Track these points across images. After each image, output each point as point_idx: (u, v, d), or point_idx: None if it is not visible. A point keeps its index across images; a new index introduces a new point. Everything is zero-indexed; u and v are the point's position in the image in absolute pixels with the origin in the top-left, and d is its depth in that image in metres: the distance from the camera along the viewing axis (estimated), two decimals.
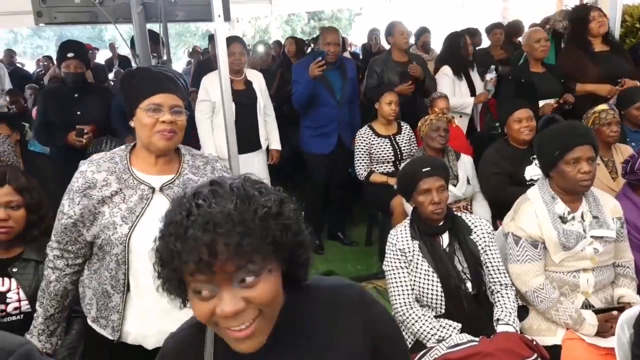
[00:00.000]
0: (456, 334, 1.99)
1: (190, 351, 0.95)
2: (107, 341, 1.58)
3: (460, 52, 4.20)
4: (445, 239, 2.15)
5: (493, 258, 2.14)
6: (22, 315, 1.86)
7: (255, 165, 3.78)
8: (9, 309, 1.85)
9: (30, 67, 9.98)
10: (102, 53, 9.27)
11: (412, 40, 6.23)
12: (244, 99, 3.68)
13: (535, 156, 2.72)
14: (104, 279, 1.54)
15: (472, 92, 4.23)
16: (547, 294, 2.06)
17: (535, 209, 2.12)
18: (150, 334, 1.55)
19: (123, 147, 1.62)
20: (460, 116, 4.15)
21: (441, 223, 2.15)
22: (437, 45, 5.79)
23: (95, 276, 1.57)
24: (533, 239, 2.09)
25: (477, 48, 5.17)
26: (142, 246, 1.50)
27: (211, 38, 5.61)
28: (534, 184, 2.29)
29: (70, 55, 3.52)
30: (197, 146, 3.73)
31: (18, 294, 1.86)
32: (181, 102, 1.56)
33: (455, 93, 4.14)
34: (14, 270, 1.88)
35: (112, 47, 8.76)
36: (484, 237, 2.15)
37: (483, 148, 3.34)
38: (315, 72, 3.65)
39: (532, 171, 2.97)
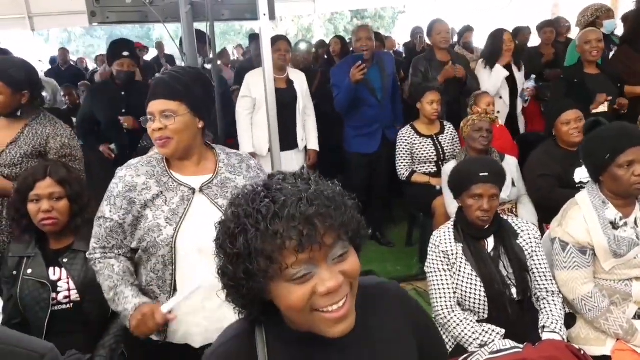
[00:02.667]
0: (499, 339, 1.93)
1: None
2: (152, 342, 1.59)
3: (498, 48, 4.08)
4: (490, 242, 2.10)
5: (540, 264, 2.07)
6: (71, 304, 1.94)
7: (293, 164, 3.80)
8: (60, 297, 1.93)
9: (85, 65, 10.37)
10: (152, 51, 9.52)
11: (455, 38, 6.12)
12: (284, 98, 3.70)
13: None
14: (150, 280, 1.57)
15: (515, 90, 4.11)
16: (596, 302, 1.98)
17: (584, 214, 2.04)
18: (197, 332, 1.57)
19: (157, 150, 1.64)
20: (499, 111, 4.03)
21: (487, 226, 2.09)
22: (482, 44, 5.67)
23: (142, 280, 1.60)
24: (581, 245, 2.01)
25: (529, 46, 5.04)
26: (188, 246, 1.53)
27: (252, 37, 5.66)
28: (584, 187, 2.21)
29: (125, 54, 3.63)
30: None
31: (68, 283, 1.93)
32: (174, 104, 1.53)
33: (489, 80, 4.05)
34: (65, 260, 1.95)
35: (159, 45, 8.99)
36: (530, 242, 2.09)
37: (529, 149, 3.25)
38: (357, 77, 3.63)
39: (582, 174, 2.86)
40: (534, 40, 5.45)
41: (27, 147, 2.29)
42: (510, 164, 3.18)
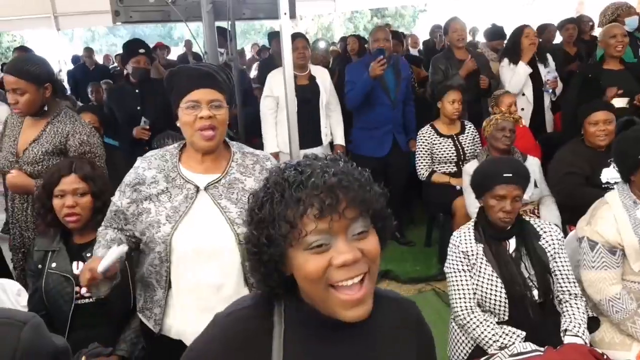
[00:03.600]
0: (520, 342, 1.91)
1: (255, 332, 0.90)
2: (151, 332, 1.63)
3: (519, 44, 4.01)
4: (512, 243, 2.07)
5: (562, 266, 2.04)
6: (93, 298, 1.96)
7: None
8: (83, 291, 1.95)
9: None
10: (173, 50, 9.64)
11: (481, 38, 6.04)
12: (306, 95, 3.71)
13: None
14: (149, 273, 1.59)
15: (540, 87, 4.05)
16: (624, 304, 1.94)
17: (615, 214, 2.00)
18: (190, 331, 1.57)
19: (176, 144, 1.65)
20: (522, 109, 3.97)
21: (508, 227, 2.07)
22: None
23: (143, 270, 1.62)
24: (611, 244, 1.97)
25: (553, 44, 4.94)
26: (184, 245, 1.53)
27: (271, 36, 5.68)
28: (610, 188, 2.16)
29: (141, 51, 3.69)
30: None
31: None
32: (221, 95, 1.54)
33: (512, 77, 3.97)
34: (88, 255, 1.98)
35: (187, 43, 9.11)
36: (553, 244, 2.06)
37: (552, 150, 3.19)
38: (377, 71, 3.60)
39: (609, 174, 2.80)
40: (559, 39, 5.35)
41: (49, 145, 2.33)
42: (533, 164, 3.14)
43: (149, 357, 1.79)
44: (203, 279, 1.54)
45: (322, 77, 3.91)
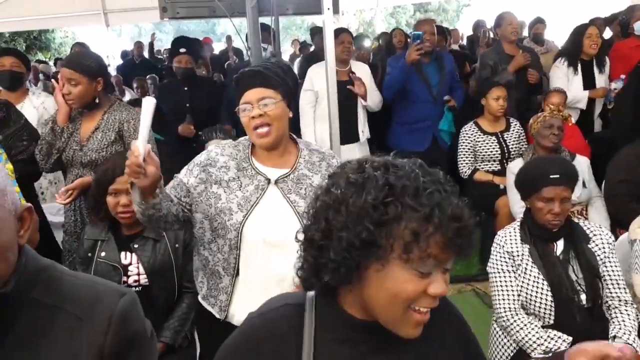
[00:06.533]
0: (565, 347, 1.85)
1: (285, 333, 0.90)
2: (215, 318, 1.66)
3: (580, 44, 3.87)
4: (560, 245, 2.00)
5: (612, 271, 1.96)
6: (140, 288, 2.02)
7: (355, 157, 3.78)
8: (130, 280, 2.02)
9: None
10: (215, 45, 9.80)
11: (525, 32, 5.86)
12: (345, 90, 3.70)
13: None
14: (217, 260, 1.62)
15: (592, 87, 3.90)
16: None
17: None
18: None
19: (248, 136, 1.68)
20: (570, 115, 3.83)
21: (556, 229, 2.00)
22: (553, 37, 5.40)
23: (210, 256, 1.65)
24: None
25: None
26: (254, 235, 1.56)
27: (313, 32, 5.68)
28: None
29: (182, 50, 3.76)
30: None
31: (138, 268, 2.03)
32: (271, 92, 1.56)
33: (568, 88, 3.83)
34: (135, 246, 2.05)
35: (228, 39, 9.26)
36: (603, 247, 1.98)
37: (602, 150, 3.07)
38: (413, 56, 3.53)
39: None
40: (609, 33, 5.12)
41: (111, 133, 2.43)
42: (582, 163, 3.02)
43: (208, 343, 1.81)
44: (269, 270, 1.57)
45: (363, 73, 3.89)
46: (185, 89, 3.81)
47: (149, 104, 1.40)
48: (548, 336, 1.90)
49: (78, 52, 2.81)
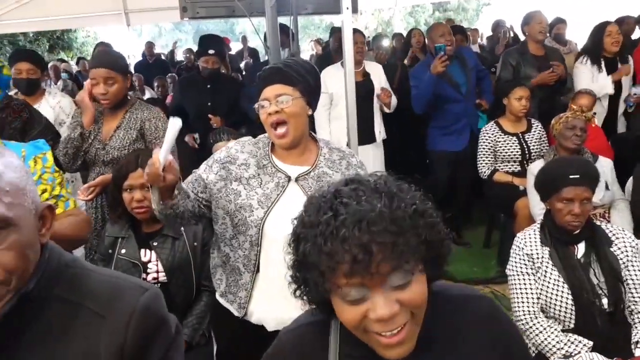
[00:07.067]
0: (586, 351, 1.83)
1: (311, 349, 0.92)
2: (233, 316, 1.67)
3: (601, 42, 3.80)
4: (580, 248, 1.97)
5: (635, 274, 1.92)
6: (159, 285, 2.04)
7: (371, 159, 3.78)
8: (149, 278, 2.04)
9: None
10: (233, 45, 9.87)
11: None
12: (360, 91, 3.68)
13: None
14: (238, 257, 1.63)
15: (618, 87, 3.82)
16: None
17: None
18: (272, 317, 1.61)
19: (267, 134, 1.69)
20: (595, 113, 3.76)
21: (577, 231, 1.97)
22: (574, 37, 5.31)
23: (230, 252, 1.65)
24: None
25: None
26: (275, 231, 1.56)
27: (333, 31, 5.68)
28: None
29: (211, 52, 3.79)
30: None
31: (157, 265, 2.05)
32: (290, 89, 1.57)
33: (594, 83, 3.76)
34: (155, 244, 2.07)
35: (243, 39, 9.32)
36: (626, 251, 1.94)
37: (626, 152, 3.01)
38: (438, 69, 3.52)
39: None
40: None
41: (133, 132, 2.46)
42: (604, 165, 2.97)
43: (225, 341, 1.82)
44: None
45: (377, 73, 3.89)
46: (208, 86, 3.84)
47: (175, 124, 1.43)
48: (568, 340, 1.87)
49: (106, 51, 2.85)
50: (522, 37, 4.27)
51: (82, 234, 1.63)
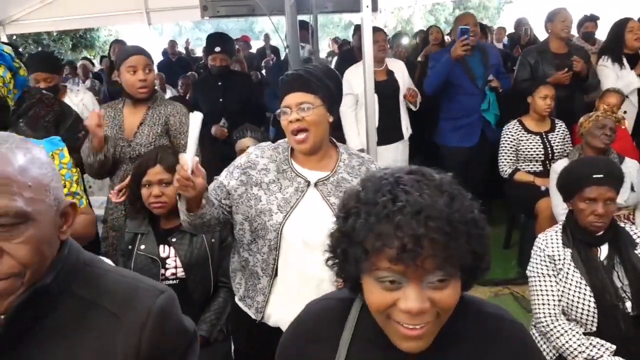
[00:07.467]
0: (609, 355, 1.79)
1: (331, 322, 0.94)
2: (250, 318, 1.67)
3: (622, 39, 3.71)
4: (604, 250, 1.93)
5: None
6: (177, 280, 2.06)
7: (397, 157, 3.75)
8: (167, 273, 2.06)
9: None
10: (253, 43, 9.93)
11: (574, 31, 5.67)
12: (385, 90, 3.67)
13: None
14: (256, 261, 1.63)
15: None
16: None
17: None
18: (289, 320, 1.59)
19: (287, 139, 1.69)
20: (625, 111, 3.68)
21: (601, 233, 1.93)
22: (603, 36, 5.20)
23: (250, 257, 1.66)
24: None
25: None
26: (294, 235, 1.57)
27: (356, 29, 5.67)
28: None
29: (217, 49, 3.80)
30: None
31: (175, 261, 2.06)
32: (311, 97, 1.57)
33: (620, 79, 3.68)
34: (173, 240, 2.09)
35: (266, 37, 9.37)
36: None
37: None
38: (458, 51, 3.46)
39: None
40: None
41: (157, 127, 2.48)
42: (630, 166, 2.90)
43: (243, 341, 1.83)
44: (308, 272, 1.57)
45: (400, 70, 3.85)
46: (219, 83, 3.86)
47: (196, 118, 1.42)
48: (590, 344, 1.83)
49: (135, 46, 2.91)
50: (540, 37, 4.18)
51: (89, 232, 1.67)
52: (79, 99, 3.35)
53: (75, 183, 1.58)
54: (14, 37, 8.88)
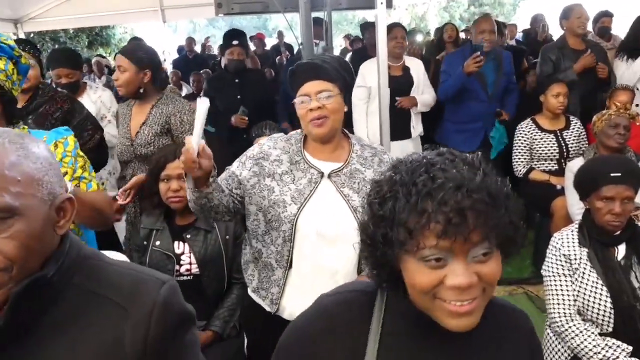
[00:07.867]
0: (625, 356, 1.77)
1: (351, 315, 0.91)
2: (264, 311, 1.68)
3: (638, 34, 3.65)
4: (621, 250, 1.91)
5: None
6: (191, 276, 2.08)
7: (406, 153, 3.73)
8: (182, 269, 2.08)
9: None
10: (267, 41, 9.95)
11: (589, 27, 5.60)
12: (400, 85, 3.66)
13: None
14: (270, 253, 1.64)
15: None
16: None
17: None
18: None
19: (299, 130, 1.69)
20: (637, 105, 3.62)
21: (618, 232, 1.91)
22: (621, 31, 5.12)
23: (263, 248, 1.66)
24: None
25: None
26: (308, 227, 1.57)
27: (363, 27, 5.63)
28: None
29: (235, 43, 3.82)
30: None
31: (190, 257, 2.08)
32: (330, 85, 1.57)
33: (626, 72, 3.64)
34: (188, 236, 2.10)
35: (279, 34, 9.38)
36: None
37: None
38: (471, 68, 3.47)
39: None
40: None
41: (157, 127, 2.49)
42: None
43: (256, 336, 1.83)
44: (322, 263, 1.58)
45: (416, 68, 3.84)
46: (236, 80, 3.87)
47: (203, 104, 1.43)
48: (606, 344, 1.81)
49: (133, 44, 2.94)
50: (554, 34, 4.13)
51: (109, 212, 1.66)
52: (97, 96, 3.37)
53: (81, 169, 1.58)
54: (32, 35, 8.98)
